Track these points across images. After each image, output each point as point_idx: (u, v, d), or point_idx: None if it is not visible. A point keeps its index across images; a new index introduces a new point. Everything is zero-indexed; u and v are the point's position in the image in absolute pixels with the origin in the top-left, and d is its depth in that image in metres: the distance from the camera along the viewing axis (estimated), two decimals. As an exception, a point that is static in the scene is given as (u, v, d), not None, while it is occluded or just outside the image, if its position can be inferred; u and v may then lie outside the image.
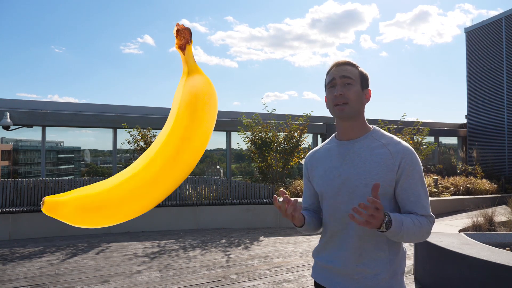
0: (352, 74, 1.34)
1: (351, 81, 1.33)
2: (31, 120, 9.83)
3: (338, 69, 1.35)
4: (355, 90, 1.33)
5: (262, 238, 6.42)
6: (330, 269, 1.37)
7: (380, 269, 1.28)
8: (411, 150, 1.30)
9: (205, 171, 13.58)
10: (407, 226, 1.20)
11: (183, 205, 7.48)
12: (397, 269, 1.30)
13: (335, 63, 1.38)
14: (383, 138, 1.34)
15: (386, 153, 1.29)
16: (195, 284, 3.92)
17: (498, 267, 2.97)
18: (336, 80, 1.34)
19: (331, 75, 1.37)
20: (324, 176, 1.40)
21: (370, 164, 1.29)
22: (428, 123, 15.64)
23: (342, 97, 1.32)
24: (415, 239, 1.26)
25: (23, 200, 6.80)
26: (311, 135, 13.29)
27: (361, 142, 1.35)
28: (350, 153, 1.35)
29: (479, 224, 4.87)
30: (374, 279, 1.27)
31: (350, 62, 1.38)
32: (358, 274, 1.29)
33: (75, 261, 4.86)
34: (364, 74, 1.38)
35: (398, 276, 1.30)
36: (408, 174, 1.27)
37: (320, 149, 1.50)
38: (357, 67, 1.37)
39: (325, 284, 1.39)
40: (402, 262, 1.34)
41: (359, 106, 1.35)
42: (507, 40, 15.10)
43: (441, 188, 10.34)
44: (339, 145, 1.40)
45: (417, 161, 1.29)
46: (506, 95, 15.08)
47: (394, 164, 1.27)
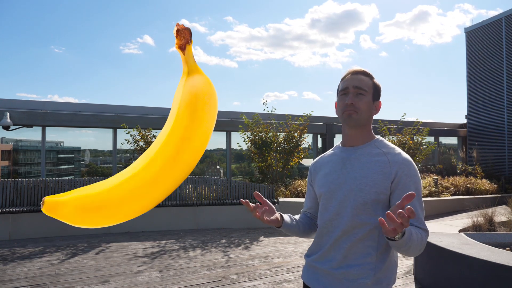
0: (366, 85, 1.35)
1: (364, 92, 1.34)
2: (31, 120, 9.83)
3: (353, 78, 1.36)
4: (366, 101, 1.35)
5: (262, 238, 6.42)
6: (316, 268, 1.39)
7: (364, 274, 1.27)
8: (409, 162, 1.30)
9: (205, 171, 13.58)
10: (414, 238, 1.20)
11: (183, 205, 7.48)
12: (382, 278, 1.28)
13: (350, 71, 1.39)
14: (384, 147, 1.36)
15: (385, 161, 1.30)
16: (195, 284, 3.92)
17: (498, 267, 2.97)
18: (349, 89, 1.35)
19: (345, 83, 1.38)
20: (323, 178, 1.43)
21: (367, 170, 1.30)
22: (428, 123, 15.64)
23: (352, 106, 1.33)
24: (414, 253, 1.24)
25: (23, 200, 6.80)
26: (311, 135, 13.29)
27: (363, 149, 1.37)
28: (351, 158, 1.37)
29: (479, 224, 4.87)
30: (356, 283, 1.27)
31: (366, 71, 1.39)
32: (341, 275, 1.30)
33: (75, 261, 4.86)
34: (377, 86, 1.40)
35: (382, 286, 1.28)
36: (404, 185, 1.26)
37: (325, 155, 1.53)
38: (371, 77, 1.39)
39: (311, 284, 1.40)
40: (390, 273, 1.31)
41: (368, 116, 1.37)
42: (507, 40, 15.10)
43: (441, 188, 10.33)
44: (342, 151, 1.42)
45: (415, 173, 1.29)
46: (506, 95, 15.08)
47: (391, 172, 1.28)
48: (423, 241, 1.23)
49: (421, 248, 1.24)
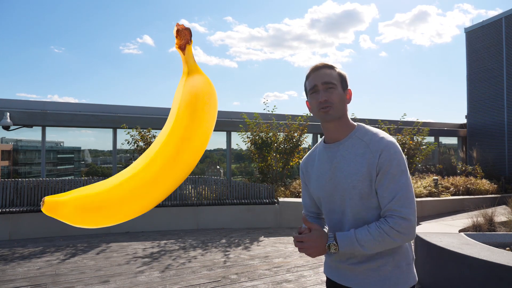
0: (333, 78, 1.35)
1: (333, 85, 1.34)
2: (31, 120, 9.83)
3: (318, 74, 1.36)
4: (337, 93, 1.35)
5: (262, 238, 6.42)
6: (338, 265, 1.42)
7: (383, 261, 1.31)
8: (391, 145, 1.28)
9: (205, 171, 13.58)
10: (362, 240, 1.24)
11: (183, 205, 7.48)
12: (401, 261, 1.32)
13: (312, 68, 1.39)
14: (366, 136, 1.35)
15: (368, 152, 1.30)
16: (195, 284, 3.92)
17: (498, 267, 2.97)
18: (318, 86, 1.35)
19: (312, 81, 1.37)
20: (316, 181, 1.44)
21: (354, 166, 1.31)
22: (428, 123, 15.64)
23: (326, 102, 1.33)
24: (384, 247, 1.26)
25: (23, 200, 6.80)
26: (311, 135, 13.29)
27: (345, 143, 1.37)
28: (337, 156, 1.37)
29: (479, 224, 4.87)
30: (378, 271, 1.31)
31: (327, 64, 1.38)
32: (363, 268, 1.33)
33: (75, 261, 4.86)
34: (343, 75, 1.39)
35: (403, 267, 1.33)
36: (385, 170, 1.26)
37: (312, 153, 1.53)
38: (335, 69, 1.38)
39: (335, 279, 1.43)
40: (406, 252, 1.35)
41: (343, 107, 1.37)
42: (507, 40, 15.10)
43: (441, 188, 10.34)
44: (326, 148, 1.42)
45: (395, 156, 1.27)
46: (506, 95, 15.08)
47: (375, 162, 1.28)
48: (388, 236, 1.22)
49: (390, 243, 1.24)
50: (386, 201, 1.26)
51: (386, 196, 1.25)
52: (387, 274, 1.31)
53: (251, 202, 7.76)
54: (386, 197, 1.25)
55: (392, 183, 1.25)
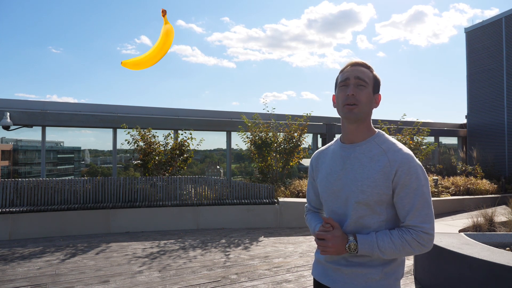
0: (367, 76, 1.33)
1: (365, 84, 1.32)
2: (31, 120, 9.83)
3: (353, 69, 1.35)
4: (367, 92, 1.33)
5: (262, 238, 6.42)
6: (326, 265, 1.41)
7: (372, 270, 1.30)
8: (410, 159, 1.27)
9: (205, 171, 13.58)
10: (383, 246, 1.24)
11: (183, 205, 7.48)
12: (390, 273, 1.31)
13: (350, 63, 1.38)
14: (384, 144, 1.33)
15: (385, 160, 1.28)
16: (195, 284, 3.92)
17: (498, 267, 2.97)
18: (350, 80, 1.33)
19: (345, 74, 1.36)
20: (325, 179, 1.42)
21: (368, 171, 1.29)
22: (428, 123, 15.64)
23: (353, 98, 1.31)
24: (402, 255, 1.27)
25: (23, 200, 6.80)
26: (311, 135, 13.29)
27: (362, 146, 1.35)
28: (351, 157, 1.35)
29: (479, 224, 4.87)
30: (365, 277, 1.30)
31: (366, 64, 1.37)
32: (350, 271, 1.33)
33: (75, 261, 4.86)
34: (377, 78, 1.38)
35: (390, 281, 1.31)
36: (404, 183, 1.25)
37: (326, 150, 1.51)
38: (371, 70, 1.37)
39: (321, 280, 1.43)
40: (397, 268, 1.34)
41: (368, 109, 1.35)
42: (507, 40, 15.10)
43: (441, 188, 10.34)
44: (342, 148, 1.40)
45: (415, 170, 1.26)
46: (506, 95, 15.08)
47: (391, 172, 1.26)
48: (408, 244, 1.24)
49: (409, 251, 1.25)
50: (406, 214, 1.26)
51: (407, 209, 1.26)
52: (373, 283, 1.29)
53: (251, 202, 7.76)
54: (407, 210, 1.26)
55: (413, 197, 1.25)
